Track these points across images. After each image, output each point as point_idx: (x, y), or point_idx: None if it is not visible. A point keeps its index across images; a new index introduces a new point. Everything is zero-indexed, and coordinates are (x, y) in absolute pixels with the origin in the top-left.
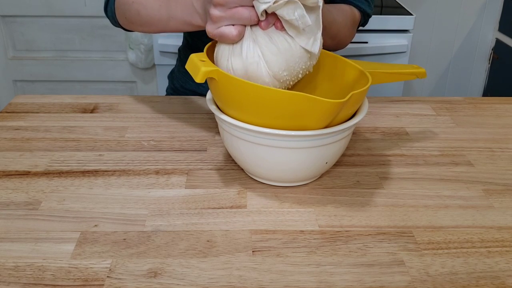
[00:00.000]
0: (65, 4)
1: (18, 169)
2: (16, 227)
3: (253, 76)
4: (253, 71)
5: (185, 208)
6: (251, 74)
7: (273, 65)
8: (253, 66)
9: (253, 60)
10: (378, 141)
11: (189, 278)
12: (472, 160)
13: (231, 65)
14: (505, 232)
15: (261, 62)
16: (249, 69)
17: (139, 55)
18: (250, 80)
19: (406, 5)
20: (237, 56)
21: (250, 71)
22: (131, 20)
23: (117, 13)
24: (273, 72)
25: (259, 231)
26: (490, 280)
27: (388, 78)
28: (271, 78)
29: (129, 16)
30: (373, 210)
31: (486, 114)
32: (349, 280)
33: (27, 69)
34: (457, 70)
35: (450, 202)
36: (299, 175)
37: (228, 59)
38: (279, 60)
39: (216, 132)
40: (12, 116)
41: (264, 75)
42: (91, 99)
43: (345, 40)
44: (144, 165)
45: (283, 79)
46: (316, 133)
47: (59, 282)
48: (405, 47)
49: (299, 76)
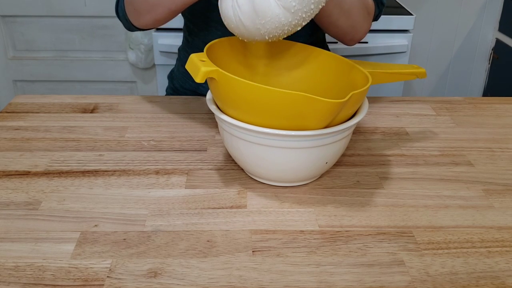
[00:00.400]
0: (65, 4)
1: (18, 169)
2: (16, 227)
3: (261, 9)
4: (260, 2)
5: (185, 208)
6: (258, 7)
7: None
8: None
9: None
10: (378, 141)
11: (189, 278)
12: (472, 160)
13: (237, 2)
14: (505, 232)
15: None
16: (256, 1)
17: (139, 55)
18: (259, 15)
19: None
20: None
21: (257, 3)
22: (139, 8)
23: (127, 9)
24: (281, 0)
25: (259, 231)
26: (490, 280)
27: (388, 78)
28: (281, 8)
29: (136, 4)
30: (373, 210)
31: (486, 114)
32: (349, 280)
33: (27, 69)
34: (457, 70)
35: (450, 202)
36: (299, 175)
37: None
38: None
39: (216, 132)
40: (12, 116)
41: (273, 6)
42: (91, 99)
43: (361, 25)
44: (144, 165)
45: (294, 9)
46: (316, 133)
47: (59, 282)
48: (405, 47)
49: (311, 7)
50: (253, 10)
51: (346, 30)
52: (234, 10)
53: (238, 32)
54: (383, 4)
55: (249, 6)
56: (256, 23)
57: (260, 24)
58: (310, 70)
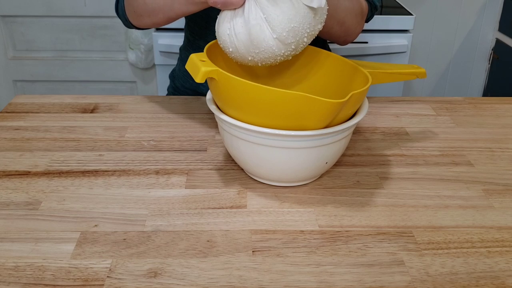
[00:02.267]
0: (65, 4)
1: (18, 169)
2: (16, 227)
3: (256, 40)
4: (256, 33)
5: (185, 208)
6: (254, 38)
7: (276, 26)
8: (256, 28)
9: (255, 22)
10: (378, 141)
11: (189, 278)
12: (472, 160)
13: (234, 30)
14: (505, 232)
15: (264, 24)
16: (252, 32)
17: (139, 55)
18: (254, 44)
19: (406, 5)
20: (239, 19)
21: (253, 34)
22: (139, 12)
23: (127, 9)
24: (276, 33)
25: (259, 231)
26: (490, 280)
27: (388, 78)
28: (275, 40)
29: (136, 7)
30: (373, 210)
31: (486, 114)
32: (349, 280)
33: (27, 69)
34: (457, 70)
35: (450, 202)
36: (299, 175)
37: (230, 24)
38: (282, 20)
39: (216, 132)
40: (12, 116)
41: (268, 38)
42: (91, 99)
43: (354, 30)
44: (144, 165)
45: (288, 42)
46: (316, 133)
47: (59, 282)
48: (405, 47)
49: (304, 40)
50: (249, 40)
51: (339, 35)
52: (230, 36)
53: (232, 56)
54: (376, 8)
55: (245, 36)
56: (251, 51)
57: (254, 52)
58: (310, 70)
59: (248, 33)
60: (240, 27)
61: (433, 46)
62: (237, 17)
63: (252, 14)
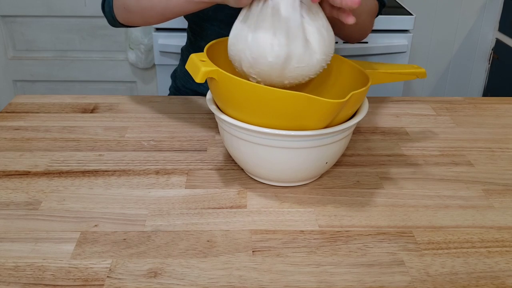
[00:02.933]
0: (65, 4)
1: (18, 169)
2: (16, 227)
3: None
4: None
5: (185, 208)
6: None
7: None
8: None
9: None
10: (378, 141)
11: (189, 278)
12: (472, 160)
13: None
14: (505, 232)
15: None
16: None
17: (139, 55)
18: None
19: (406, 5)
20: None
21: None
22: (130, 8)
23: (115, 6)
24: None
25: (259, 231)
26: (490, 280)
27: (388, 78)
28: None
29: (127, 4)
30: (373, 210)
31: (486, 114)
32: (349, 280)
33: (27, 69)
34: (457, 70)
35: (450, 202)
36: (299, 175)
37: (273, 35)
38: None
39: (216, 132)
40: (12, 116)
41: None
42: (91, 99)
43: (368, 29)
44: (144, 165)
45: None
46: (316, 133)
47: (59, 282)
48: (405, 47)
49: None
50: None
51: (354, 36)
52: (273, 46)
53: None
54: (384, 5)
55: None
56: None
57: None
58: None
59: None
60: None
61: (433, 46)
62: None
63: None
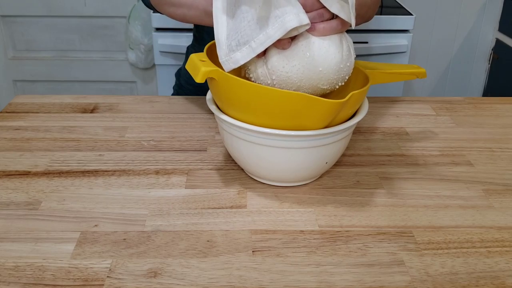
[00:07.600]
0: (65, 4)
1: (18, 169)
2: (16, 227)
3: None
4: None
5: (185, 208)
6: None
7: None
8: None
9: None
10: (378, 141)
11: (189, 278)
12: (472, 160)
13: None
14: (505, 232)
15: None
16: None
17: (139, 55)
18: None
19: (406, 5)
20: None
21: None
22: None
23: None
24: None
25: (259, 231)
26: (490, 280)
27: (388, 78)
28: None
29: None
30: (373, 210)
31: (486, 114)
32: (349, 280)
33: (27, 69)
34: (457, 70)
35: (450, 202)
36: (299, 175)
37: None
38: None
39: (216, 132)
40: (12, 116)
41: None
42: (91, 99)
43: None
44: (144, 165)
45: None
46: (316, 133)
47: (59, 282)
48: (405, 47)
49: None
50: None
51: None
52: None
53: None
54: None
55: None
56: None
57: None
58: None
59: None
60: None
61: (433, 46)
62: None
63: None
